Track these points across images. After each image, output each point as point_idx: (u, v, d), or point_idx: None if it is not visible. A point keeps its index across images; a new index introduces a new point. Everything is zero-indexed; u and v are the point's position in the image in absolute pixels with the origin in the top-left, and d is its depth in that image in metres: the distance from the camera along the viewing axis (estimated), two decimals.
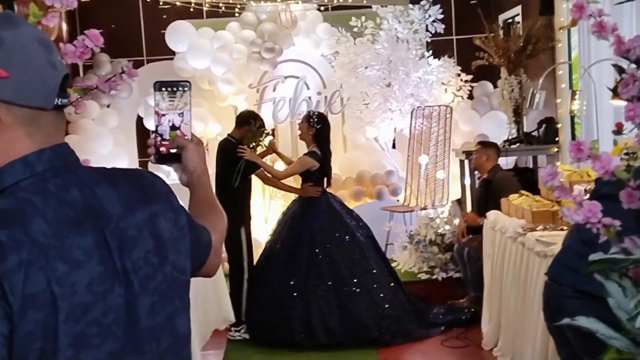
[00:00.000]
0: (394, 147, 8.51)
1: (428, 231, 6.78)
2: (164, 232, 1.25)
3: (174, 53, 8.04)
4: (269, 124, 7.23)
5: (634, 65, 1.54)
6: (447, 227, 6.78)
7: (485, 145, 6.39)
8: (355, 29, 7.96)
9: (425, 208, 7.43)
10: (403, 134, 8.06)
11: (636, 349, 1.49)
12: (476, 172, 6.74)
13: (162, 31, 8.02)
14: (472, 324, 5.65)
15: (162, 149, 1.45)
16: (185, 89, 1.42)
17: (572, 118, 6.91)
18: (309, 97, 8.37)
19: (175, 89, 1.42)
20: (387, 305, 5.61)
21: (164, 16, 8.17)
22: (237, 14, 8.03)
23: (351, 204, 7.04)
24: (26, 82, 1.13)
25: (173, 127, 1.43)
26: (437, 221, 6.88)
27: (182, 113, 1.43)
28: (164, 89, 1.41)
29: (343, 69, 7.97)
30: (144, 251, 1.20)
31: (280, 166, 6.50)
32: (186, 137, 1.45)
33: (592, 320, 1.53)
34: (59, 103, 1.18)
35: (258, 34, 8.01)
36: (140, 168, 1.48)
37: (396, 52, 7.80)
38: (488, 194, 5.88)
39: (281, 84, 8.31)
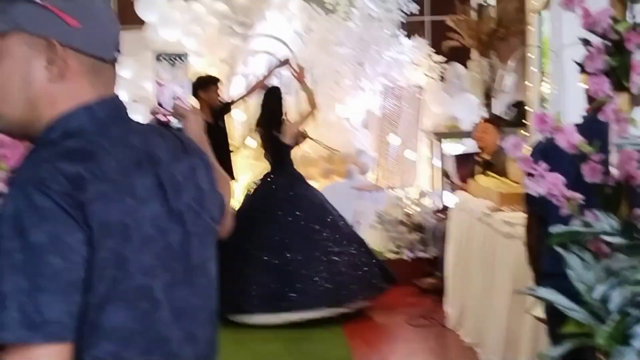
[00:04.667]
0: (364, 126, 8.50)
1: (396, 211, 6.81)
2: (202, 183, 1.35)
3: (143, 23, 7.91)
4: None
5: (600, 39, 1.54)
6: (416, 207, 6.81)
7: (491, 122, 6.07)
8: (328, 6, 7.92)
9: (394, 188, 7.46)
10: (373, 114, 8.06)
11: (594, 321, 1.49)
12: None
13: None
14: (436, 303, 5.70)
15: (163, 118, 1.50)
16: (185, 60, 1.48)
17: (542, 102, 6.95)
18: (280, 73, 8.30)
19: (175, 60, 1.47)
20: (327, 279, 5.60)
21: None
22: None
23: (321, 183, 7.04)
24: (94, 33, 1.22)
25: (174, 97, 1.48)
26: (406, 201, 6.91)
27: (183, 84, 1.48)
28: (164, 59, 1.47)
29: (315, 46, 7.93)
30: (189, 197, 1.29)
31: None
32: (186, 107, 1.50)
33: (551, 292, 1.54)
34: (116, 56, 1.27)
35: (230, 8, 7.93)
36: None
37: (369, 30, 7.77)
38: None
39: (252, 59, 8.24)
